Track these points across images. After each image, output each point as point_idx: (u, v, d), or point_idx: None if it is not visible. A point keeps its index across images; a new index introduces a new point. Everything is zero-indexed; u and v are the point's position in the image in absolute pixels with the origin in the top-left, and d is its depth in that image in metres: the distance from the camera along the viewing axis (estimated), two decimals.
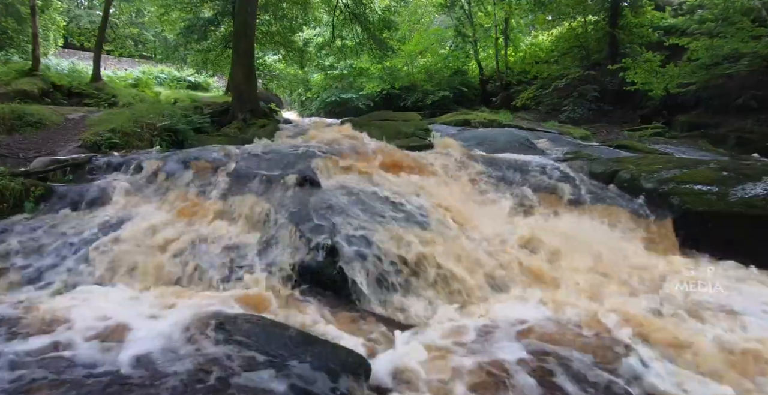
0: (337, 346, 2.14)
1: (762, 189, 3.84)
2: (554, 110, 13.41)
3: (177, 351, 1.90)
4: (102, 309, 2.36)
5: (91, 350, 1.94)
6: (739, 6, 9.40)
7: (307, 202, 3.82)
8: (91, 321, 2.20)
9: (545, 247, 3.60)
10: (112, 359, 1.87)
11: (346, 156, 5.05)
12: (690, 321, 2.63)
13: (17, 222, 3.61)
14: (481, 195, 4.78)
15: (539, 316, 2.62)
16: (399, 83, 18.98)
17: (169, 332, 2.06)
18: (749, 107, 9.13)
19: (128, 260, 3.17)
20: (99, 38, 13.13)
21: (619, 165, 4.99)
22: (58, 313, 2.29)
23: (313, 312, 2.70)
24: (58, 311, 2.32)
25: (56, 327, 2.14)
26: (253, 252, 3.32)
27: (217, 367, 1.76)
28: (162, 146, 6.50)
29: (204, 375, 1.72)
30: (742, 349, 2.25)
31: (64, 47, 18.69)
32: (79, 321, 2.20)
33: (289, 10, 15.20)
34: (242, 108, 9.20)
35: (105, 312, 2.31)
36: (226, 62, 15.32)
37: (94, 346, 1.97)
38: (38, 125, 6.81)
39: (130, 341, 2.03)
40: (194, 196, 4.13)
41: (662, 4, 13.86)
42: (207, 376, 1.71)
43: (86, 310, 2.34)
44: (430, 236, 3.41)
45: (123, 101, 10.92)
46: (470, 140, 7.51)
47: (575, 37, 14.72)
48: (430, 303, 2.93)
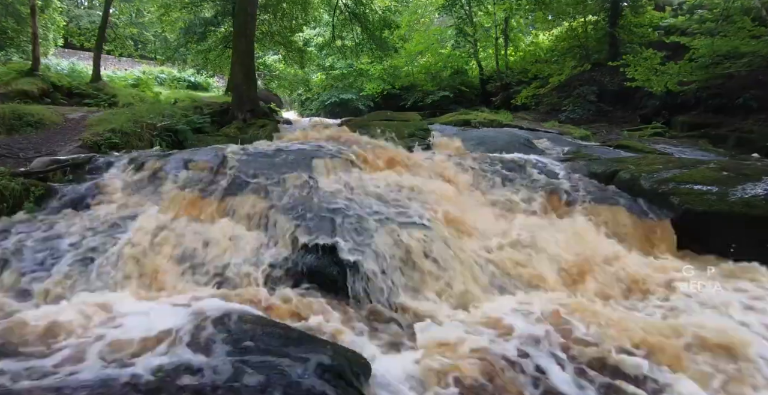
0: (337, 346, 2.14)
1: (762, 189, 3.83)
2: (554, 110, 13.40)
3: (175, 351, 1.90)
4: (99, 309, 2.36)
5: (87, 350, 1.94)
6: (738, 6, 9.40)
7: (306, 201, 3.83)
8: (86, 321, 2.19)
9: (545, 247, 3.59)
10: (110, 359, 1.87)
11: (345, 156, 5.05)
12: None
13: (17, 222, 3.61)
14: (481, 195, 4.77)
15: (539, 317, 2.62)
16: (399, 83, 18.98)
17: (166, 331, 2.06)
18: (749, 107, 9.12)
19: (128, 261, 3.16)
20: (99, 38, 13.13)
21: (619, 165, 4.99)
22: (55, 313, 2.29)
23: (313, 312, 2.70)
24: (55, 311, 2.32)
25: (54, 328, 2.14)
26: (252, 251, 3.32)
27: (216, 367, 1.76)
28: (162, 146, 6.50)
29: (201, 375, 1.71)
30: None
31: (64, 47, 18.69)
32: (77, 321, 2.20)
33: (289, 10, 15.20)
34: (242, 108, 9.20)
35: (103, 313, 2.30)
36: (226, 62, 15.33)
37: (89, 347, 1.97)
38: (38, 125, 6.81)
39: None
40: (194, 196, 4.13)
41: (662, 4, 13.86)
42: (204, 376, 1.71)
43: (84, 311, 2.34)
44: (429, 236, 3.41)
45: (123, 101, 10.92)
46: (470, 139, 7.50)
47: (575, 37, 14.71)
48: (429, 302, 2.93)
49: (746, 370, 2.13)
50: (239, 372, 1.72)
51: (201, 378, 1.70)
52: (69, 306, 2.49)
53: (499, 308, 2.80)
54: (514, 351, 2.23)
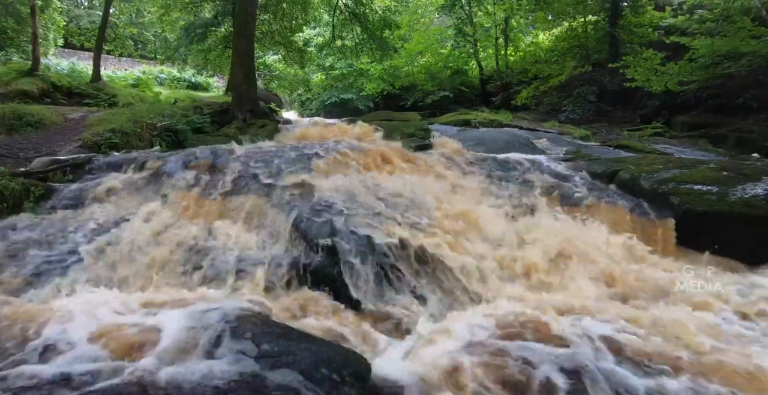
0: (337, 346, 2.14)
1: (762, 189, 3.83)
2: (554, 110, 13.41)
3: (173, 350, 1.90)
4: (97, 309, 2.36)
5: (85, 349, 1.94)
6: (738, 6, 9.40)
7: (306, 201, 3.83)
8: (85, 322, 2.19)
9: (545, 247, 3.60)
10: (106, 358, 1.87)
11: (345, 156, 5.05)
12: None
13: (17, 222, 3.61)
14: (481, 195, 4.77)
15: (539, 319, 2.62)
16: (399, 83, 18.98)
17: (166, 331, 2.06)
18: (749, 107, 9.12)
19: (127, 261, 3.17)
20: (99, 38, 13.13)
21: (619, 165, 4.99)
22: (54, 315, 2.28)
23: (313, 312, 2.70)
24: (54, 312, 2.32)
25: (53, 328, 2.14)
26: (252, 252, 3.32)
27: (215, 367, 1.76)
28: (162, 146, 6.50)
29: (201, 375, 1.71)
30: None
31: (64, 47, 18.69)
32: (76, 322, 2.19)
33: (289, 10, 15.21)
34: (242, 108, 9.19)
35: (101, 313, 2.30)
36: (226, 62, 15.32)
37: (87, 346, 1.97)
38: (38, 125, 6.81)
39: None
40: (194, 196, 4.13)
41: (662, 4, 13.86)
42: (203, 376, 1.71)
43: (82, 311, 2.33)
44: (429, 236, 3.41)
45: (123, 101, 10.92)
46: (470, 140, 7.50)
47: (575, 37, 14.72)
48: (430, 302, 2.93)
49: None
50: (238, 372, 1.72)
51: (200, 378, 1.70)
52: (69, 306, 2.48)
53: (500, 309, 2.80)
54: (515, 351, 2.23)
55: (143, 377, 1.69)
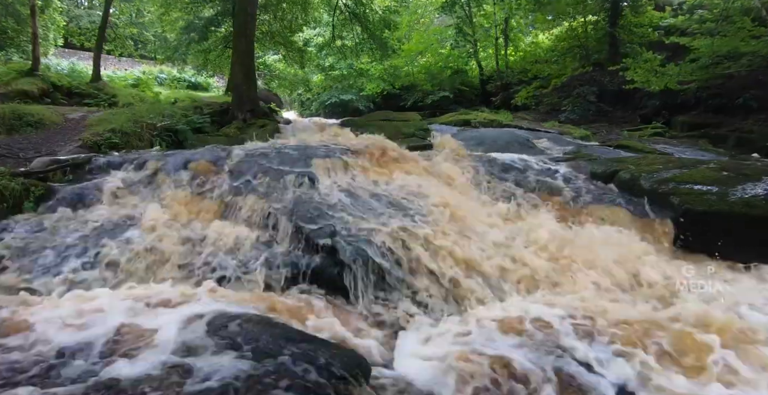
0: (337, 346, 2.14)
1: (762, 189, 3.83)
2: (554, 110, 13.41)
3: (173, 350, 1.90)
4: (97, 309, 2.35)
5: (85, 349, 1.94)
6: (738, 6, 9.39)
7: (307, 201, 3.82)
8: (85, 322, 2.19)
9: (545, 248, 3.59)
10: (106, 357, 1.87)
11: (345, 156, 5.04)
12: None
13: (17, 222, 3.61)
14: (481, 195, 4.77)
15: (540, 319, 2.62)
16: (399, 83, 18.98)
17: (166, 331, 2.06)
18: (749, 107, 9.12)
19: (127, 261, 3.16)
20: (99, 38, 13.15)
21: (619, 165, 4.99)
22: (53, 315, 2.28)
23: (313, 312, 2.70)
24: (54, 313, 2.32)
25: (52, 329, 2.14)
26: (252, 252, 3.32)
27: (215, 367, 1.76)
28: (162, 146, 6.50)
29: (200, 375, 1.71)
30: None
31: (64, 47, 18.69)
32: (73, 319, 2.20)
33: (289, 10, 15.21)
34: (242, 108, 9.20)
35: (100, 312, 2.30)
36: (226, 62, 15.33)
37: (87, 346, 1.97)
38: (38, 125, 6.82)
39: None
40: (194, 196, 4.13)
41: (662, 4, 13.85)
42: (203, 376, 1.71)
43: (81, 311, 2.33)
44: (429, 236, 3.40)
45: (123, 101, 10.93)
46: (470, 139, 7.51)
47: (575, 37, 14.72)
48: (430, 303, 2.93)
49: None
50: (238, 372, 1.72)
51: (199, 379, 1.70)
52: (68, 305, 2.48)
53: (500, 310, 2.80)
54: (515, 352, 2.23)
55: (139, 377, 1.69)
